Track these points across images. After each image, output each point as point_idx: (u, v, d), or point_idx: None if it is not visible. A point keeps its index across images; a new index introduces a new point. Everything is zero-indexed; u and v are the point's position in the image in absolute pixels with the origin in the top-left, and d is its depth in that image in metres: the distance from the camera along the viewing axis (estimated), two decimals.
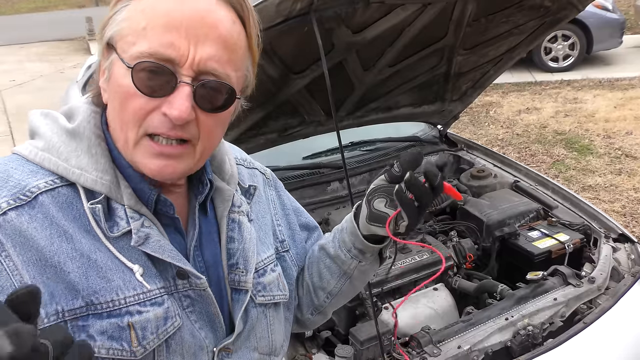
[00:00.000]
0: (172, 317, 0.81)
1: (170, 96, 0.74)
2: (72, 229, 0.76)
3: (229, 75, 0.77)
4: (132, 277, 0.78)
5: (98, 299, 0.75)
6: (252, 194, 0.98)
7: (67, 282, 0.73)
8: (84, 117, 0.82)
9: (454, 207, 2.59)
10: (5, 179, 0.76)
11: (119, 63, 0.75)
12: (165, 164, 0.77)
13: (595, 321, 1.86)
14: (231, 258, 0.91)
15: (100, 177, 0.78)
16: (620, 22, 7.74)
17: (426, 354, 1.71)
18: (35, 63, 10.45)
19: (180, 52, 0.72)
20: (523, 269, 2.11)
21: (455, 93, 2.73)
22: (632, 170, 4.90)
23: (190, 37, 0.73)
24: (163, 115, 0.74)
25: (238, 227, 0.92)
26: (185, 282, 0.83)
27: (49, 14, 16.85)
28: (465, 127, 6.17)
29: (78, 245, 0.75)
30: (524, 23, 2.30)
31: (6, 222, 0.72)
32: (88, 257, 0.75)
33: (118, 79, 0.75)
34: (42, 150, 0.79)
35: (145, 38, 0.72)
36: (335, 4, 1.70)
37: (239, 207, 0.94)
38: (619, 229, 2.29)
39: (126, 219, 0.79)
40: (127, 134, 0.77)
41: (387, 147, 2.94)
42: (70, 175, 0.78)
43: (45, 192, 0.76)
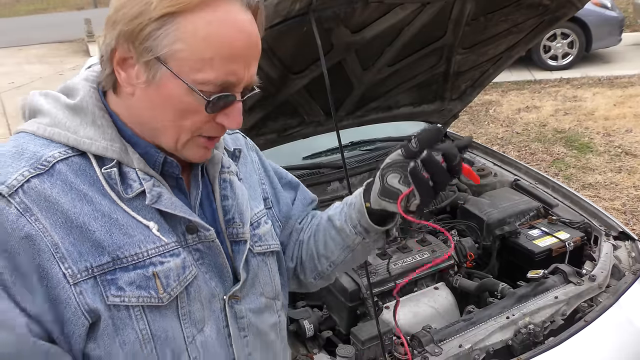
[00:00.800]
0: (189, 266, 0.88)
1: (227, 110, 0.85)
2: (90, 193, 0.82)
3: (257, 79, 0.89)
4: (149, 232, 0.85)
5: (123, 253, 0.82)
6: (237, 156, 1.07)
7: (92, 240, 0.80)
8: (85, 92, 0.87)
9: (454, 206, 2.59)
10: (20, 152, 0.81)
11: (175, 80, 0.81)
12: (207, 152, 0.91)
13: (596, 319, 1.86)
14: (227, 214, 0.99)
15: (110, 145, 0.85)
16: (619, 19, 7.74)
17: (427, 353, 1.71)
18: (35, 65, 10.45)
19: (239, 77, 0.84)
20: (524, 267, 2.11)
21: (455, 92, 2.73)
22: (632, 167, 4.90)
23: (246, 62, 0.84)
24: (218, 125, 0.86)
25: (230, 186, 1.00)
26: (195, 236, 0.90)
27: (47, 16, 16.86)
28: (465, 126, 6.17)
29: (98, 207, 0.82)
30: (523, 21, 2.30)
31: (30, 188, 0.77)
32: (109, 216, 0.82)
33: (176, 94, 0.82)
34: (49, 125, 0.84)
35: (212, 68, 0.80)
36: (334, 3, 1.70)
37: (229, 168, 1.02)
38: (619, 227, 2.29)
39: (138, 180, 0.85)
40: (181, 136, 0.86)
41: (387, 146, 2.94)
42: (81, 145, 0.83)
43: (60, 161, 0.82)
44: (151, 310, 0.84)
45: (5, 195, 0.76)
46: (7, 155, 0.81)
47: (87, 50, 11.21)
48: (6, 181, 0.77)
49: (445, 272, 2.20)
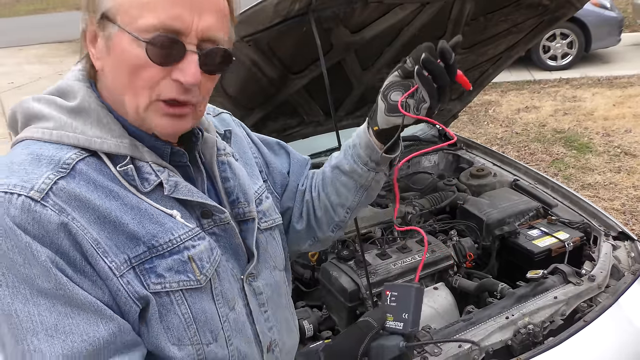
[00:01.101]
0: (214, 247, 0.91)
1: (180, 64, 0.80)
2: (114, 188, 0.83)
3: (223, 39, 0.85)
4: (175, 220, 0.86)
5: (158, 242, 0.83)
6: (229, 137, 1.08)
7: (127, 232, 0.81)
8: (84, 93, 0.86)
9: (453, 206, 2.59)
10: (37, 158, 0.80)
11: (123, 35, 0.79)
12: (174, 123, 0.85)
13: (595, 319, 1.86)
14: (231, 195, 1.00)
15: (120, 142, 0.84)
16: (619, 20, 7.74)
17: (427, 353, 1.71)
18: (34, 65, 10.45)
19: (185, 23, 0.79)
20: (523, 267, 2.11)
21: (454, 92, 2.73)
22: (631, 168, 4.90)
23: (194, 8, 0.79)
24: (174, 82, 0.81)
25: (229, 167, 1.01)
26: (210, 220, 0.93)
27: (47, 16, 16.85)
28: (465, 126, 6.17)
29: (125, 200, 0.83)
30: (523, 21, 2.30)
31: (59, 190, 0.77)
32: (138, 208, 0.83)
33: (125, 48, 0.79)
34: (55, 129, 0.83)
35: (152, 11, 0.77)
36: (334, 4, 1.70)
37: (224, 150, 1.03)
38: (618, 227, 2.29)
39: (154, 173, 0.86)
40: (139, 100, 0.82)
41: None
42: (92, 144, 0.83)
43: (80, 161, 0.82)
44: (190, 294, 0.86)
45: (39, 200, 0.75)
46: (24, 163, 0.79)
47: None
48: (34, 186, 0.76)
49: (445, 273, 2.20)
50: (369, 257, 2.10)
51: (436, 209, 2.59)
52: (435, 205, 2.58)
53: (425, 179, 2.84)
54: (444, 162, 3.08)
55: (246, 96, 2.00)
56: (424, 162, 2.99)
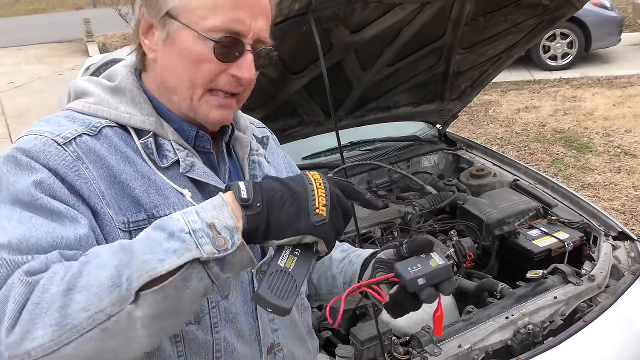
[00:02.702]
0: None
1: (238, 61, 0.90)
2: (132, 156, 0.90)
3: (269, 40, 0.94)
4: (183, 199, 0.91)
5: (159, 212, 0.88)
6: (265, 143, 1.15)
7: (132, 197, 0.87)
8: (123, 75, 0.97)
9: (453, 206, 2.59)
10: (72, 118, 0.91)
11: (187, 32, 0.88)
12: (224, 113, 0.94)
13: (595, 319, 1.87)
14: None
15: (147, 118, 0.93)
16: (619, 20, 7.74)
17: (427, 353, 1.71)
18: (34, 65, 10.45)
19: (245, 26, 0.88)
20: (523, 267, 2.11)
21: (454, 92, 2.73)
22: (631, 168, 4.90)
23: (252, 13, 0.89)
24: (231, 77, 0.90)
25: (259, 166, 1.07)
26: None
27: (46, 16, 16.85)
28: (465, 126, 6.17)
29: (139, 168, 0.89)
30: (522, 21, 2.30)
31: (82, 142, 0.87)
32: (148, 177, 0.90)
33: (189, 45, 0.89)
34: (93, 103, 0.94)
35: (217, 14, 0.87)
36: (334, 3, 1.70)
37: (257, 151, 1.09)
38: (618, 227, 2.29)
39: (173, 150, 0.93)
40: (195, 90, 0.91)
41: (386, 146, 2.94)
42: (121, 118, 0.92)
43: (107, 127, 0.91)
44: None
45: (61, 144, 0.85)
46: (60, 120, 0.90)
47: (86, 50, 11.21)
48: (61, 133, 0.86)
49: None
50: None
51: (436, 209, 2.58)
52: (435, 205, 2.58)
53: (425, 179, 2.84)
54: (444, 162, 3.07)
55: None
56: (424, 162, 2.99)
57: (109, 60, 4.20)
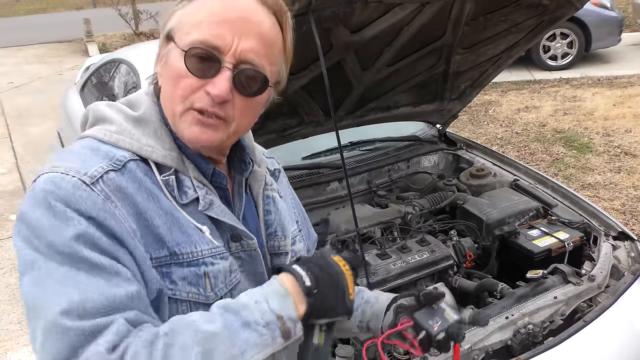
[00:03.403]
0: (235, 270, 0.95)
1: (214, 78, 0.87)
2: (155, 191, 0.90)
3: (264, 67, 0.90)
4: (203, 235, 0.91)
5: (180, 250, 0.88)
6: (277, 176, 1.16)
7: (155, 234, 0.87)
8: (147, 105, 0.95)
9: (453, 206, 2.59)
10: (95, 151, 0.89)
11: (175, 50, 0.89)
12: (202, 131, 0.90)
13: (595, 319, 1.86)
14: (269, 228, 1.06)
15: (169, 154, 0.92)
16: (619, 20, 7.74)
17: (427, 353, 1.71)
18: (34, 65, 10.44)
19: (225, 42, 0.86)
20: (523, 267, 2.11)
21: (454, 92, 2.73)
22: (631, 168, 4.90)
23: (236, 31, 0.86)
24: (206, 94, 0.88)
25: (273, 202, 1.08)
26: (238, 244, 0.97)
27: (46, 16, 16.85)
28: (465, 126, 6.17)
29: (163, 204, 0.89)
30: (523, 21, 2.30)
31: (109, 179, 0.85)
32: (171, 214, 0.89)
33: (174, 62, 0.89)
34: (115, 133, 0.92)
35: (199, 30, 0.86)
36: (333, 3, 1.70)
37: (271, 185, 1.09)
38: (618, 227, 2.29)
39: (193, 188, 0.93)
40: (175, 108, 0.90)
41: (386, 146, 2.94)
42: (143, 152, 0.91)
43: (131, 161, 0.90)
44: (197, 307, 0.89)
45: (89, 184, 0.83)
46: (83, 153, 0.89)
47: (86, 50, 11.20)
48: (88, 172, 0.84)
49: (445, 273, 2.20)
50: (369, 257, 2.10)
51: (436, 209, 2.58)
52: (435, 205, 2.58)
53: (425, 179, 2.84)
54: (444, 162, 3.07)
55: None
56: (424, 162, 2.99)
57: (108, 61, 4.20)
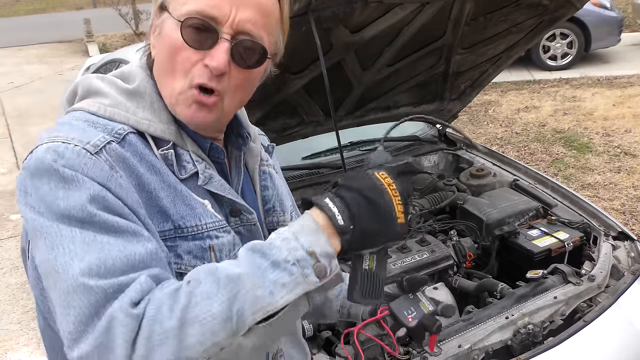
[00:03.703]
0: (238, 244, 0.92)
1: (212, 50, 0.84)
2: (157, 164, 0.87)
3: (263, 37, 0.88)
4: (206, 209, 0.89)
5: (185, 224, 0.86)
6: (271, 152, 1.13)
7: (159, 207, 0.85)
8: (142, 78, 0.92)
9: (453, 206, 2.59)
10: (93, 123, 0.85)
11: (170, 20, 0.86)
12: (198, 112, 0.87)
13: (595, 319, 1.86)
14: (267, 203, 1.04)
15: (167, 127, 0.89)
16: (619, 20, 7.74)
17: (427, 353, 1.71)
18: (34, 65, 10.45)
19: (222, 12, 0.83)
20: (523, 267, 2.11)
21: (454, 92, 2.73)
22: (631, 168, 4.90)
23: (233, 0, 0.83)
24: (204, 67, 0.84)
25: (269, 177, 1.06)
26: (237, 219, 0.95)
27: (47, 16, 16.85)
28: (465, 126, 6.17)
29: (165, 177, 0.87)
30: (522, 21, 2.30)
31: (111, 150, 0.82)
32: (174, 187, 0.87)
33: (169, 33, 0.86)
34: (109, 106, 0.88)
35: (195, 0, 0.83)
36: (333, 3, 1.70)
37: (267, 161, 1.07)
38: (618, 227, 2.29)
39: (192, 162, 0.90)
40: (174, 84, 0.87)
41: (386, 146, 2.94)
42: (140, 125, 0.88)
43: (130, 133, 0.86)
44: None
45: (93, 153, 0.80)
46: (83, 124, 0.85)
47: (87, 50, 11.20)
48: (90, 141, 0.81)
49: (445, 272, 2.20)
50: None
51: (436, 209, 2.58)
52: (435, 205, 2.58)
53: (425, 179, 2.84)
54: (444, 162, 3.07)
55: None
56: (424, 162, 2.99)
57: (109, 60, 4.20)
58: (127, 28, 11.80)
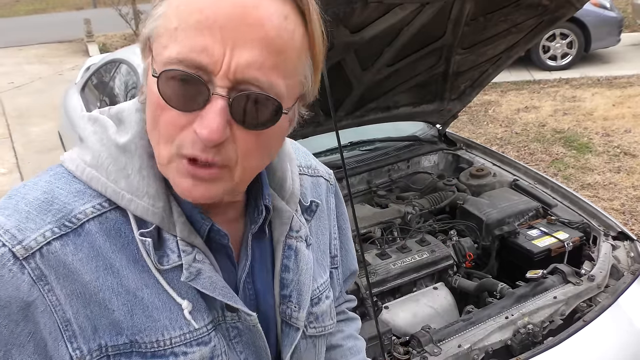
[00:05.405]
0: (218, 355, 0.76)
1: (203, 111, 0.63)
2: (119, 262, 0.70)
3: (274, 85, 0.64)
4: (179, 314, 0.72)
5: (142, 339, 0.71)
6: (313, 210, 0.88)
7: (111, 319, 0.69)
8: (136, 130, 0.73)
9: (453, 206, 2.59)
10: (50, 202, 0.69)
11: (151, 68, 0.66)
12: (195, 185, 0.67)
13: (595, 319, 1.87)
14: (284, 288, 0.83)
15: (152, 205, 0.70)
16: (618, 20, 7.74)
17: (427, 352, 1.71)
18: (34, 65, 10.45)
19: (214, 58, 0.61)
20: (523, 267, 2.12)
21: (454, 92, 2.73)
22: (630, 168, 4.90)
23: (227, 39, 0.61)
24: (195, 134, 0.63)
25: (295, 255, 0.83)
26: (235, 314, 0.77)
27: (47, 16, 16.85)
28: (464, 126, 6.17)
29: (124, 281, 0.70)
30: (522, 21, 2.30)
31: (50, 253, 0.66)
32: (134, 294, 0.70)
33: (150, 86, 0.65)
34: (89, 166, 0.71)
35: (176, 41, 0.62)
36: (334, 3, 1.70)
37: (297, 232, 0.84)
38: (618, 227, 2.29)
39: (178, 252, 0.72)
40: (160, 150, 0.67)
41: (386, 146, 2.94)
42: (119, 200, 0.70)
43: (92, 219, 0.69)
44: None
45: (20, 259, 0.65)
46: (34, 204, 0.69)
47: (87, 50, 11.21)
48: (24, 240, 0.66)
49: (445, 272, 2.20)
50: (369, 257, 2.10)
51: (436, 209, 2.59)
52: (435, 205, 2.58)
53: (425, 179, 2.84)
54: (444, 162, 3.08)
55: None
56: (423, 162, 3.00)
57: (109, 61, 4.20)
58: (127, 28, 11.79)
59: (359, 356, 1.08)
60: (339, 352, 1.06)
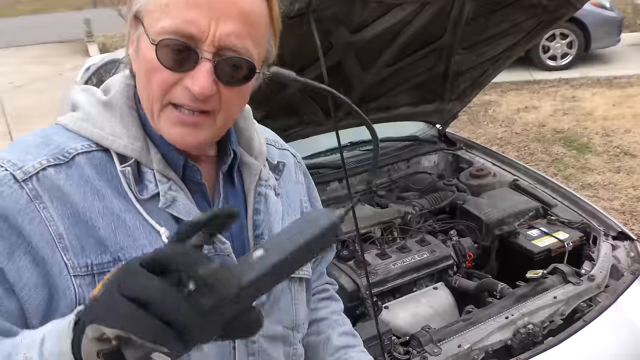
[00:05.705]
0: None
1: (193, 71, 0.77)
2: (104, 189, 0.81)
3: (249, 50, 0.80)
4: (158, 238, 0.82)
5: (124, 255, 0.79)
6: (280, 170, 1.02)
7: (96, 237, 0.79)
8: (117, 89, 0.88)
9: (453, 206, 2.59)
10: (47, 142, 0.83)
11: (144, 37, 0.79)
12: (186, 132, 0.81)
13: (595, 319, 1.87)
14: (257, 229, 0.94)
15: (132, 143, 0.84)
16: (618, 20, 7.74)
17: (426, 352, 1.71)
18: (34, 65, 10.45)
19: (201, 28, 0.75)
20: (523, 267, 2.12)
21: (454, 92, 2.73)
22: (630, 168, 4.90)
23: (212, 13, 0.75)
24: (186, 89, 0.78)
25: (264, 200, 0.96)
26: (211, 247, 0.86)
27: (47, 16, 16.85)
28: (464, 126, 6.17)
29: (109, 204, 0.81)
30: (522, 22, 2.30)
31: (45, 177, 0.78)
32: (118, 216, 0.81)
33: (145, 52, 0.79)
34: (80, 120, 0.86)
35: (168, 15, 0.76)
36: (333, 4, 1.70)
37: (267, 181, 0.97)
38: (618, 227, 2.29)
39: (154, 182, 0.84)
40: (153, 105, 0.81)
41: (386, 146, 2.94)
42: (104, 141, 0.83)
43: (81, 154, 0.82)
44: None
45: (19, 180, 0.77)
46: (32, 144, 0.82)
47: (87, 50, 11.21)
48: (23, 167, 0.78)
49: (445, 272, 2.20)
50: (369, 257, 2.10)
51: (436, 209, 2.59)
52: (435, 205, 2.58)
53: (425, 179, 2.84)
54: (444, 162, 3.08)
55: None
56: (423, 162, 3.00)
57: (109, 61, 4.20)
58: None
59: (345, 327, 1.19)
60: (326, 324, 1.16)
